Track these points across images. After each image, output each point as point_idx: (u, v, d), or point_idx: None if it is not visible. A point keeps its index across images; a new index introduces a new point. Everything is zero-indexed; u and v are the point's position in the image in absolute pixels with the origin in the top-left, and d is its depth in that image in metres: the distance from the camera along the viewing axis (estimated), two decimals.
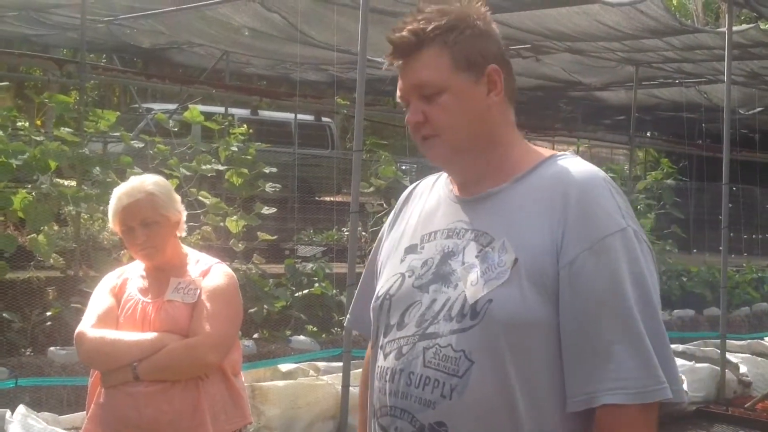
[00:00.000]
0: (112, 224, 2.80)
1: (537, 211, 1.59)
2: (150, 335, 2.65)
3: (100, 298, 2.79)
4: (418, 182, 1.89)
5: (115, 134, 7.58)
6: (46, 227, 6.52)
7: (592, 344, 1.51)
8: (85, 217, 7.33)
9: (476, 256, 1.60)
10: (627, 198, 1.65)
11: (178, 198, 2.85)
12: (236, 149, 8.17)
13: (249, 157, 8.27)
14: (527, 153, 1.71)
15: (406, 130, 1.79)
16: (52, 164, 6.64)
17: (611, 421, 1.51)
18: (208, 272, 2.77)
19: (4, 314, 6.04)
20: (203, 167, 7.76)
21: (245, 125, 9.20)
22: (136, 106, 13.18)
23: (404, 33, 1.67)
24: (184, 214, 2.85)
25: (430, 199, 1.79)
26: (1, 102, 10.58)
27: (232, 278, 2.79)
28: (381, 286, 1.75)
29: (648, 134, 19.59)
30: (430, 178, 1.85)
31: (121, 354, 2.63)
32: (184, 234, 2.88)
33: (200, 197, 7.17)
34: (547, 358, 1.55)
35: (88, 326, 2.70)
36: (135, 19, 10.78)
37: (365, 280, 1.91)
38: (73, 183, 7.31)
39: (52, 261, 6.54)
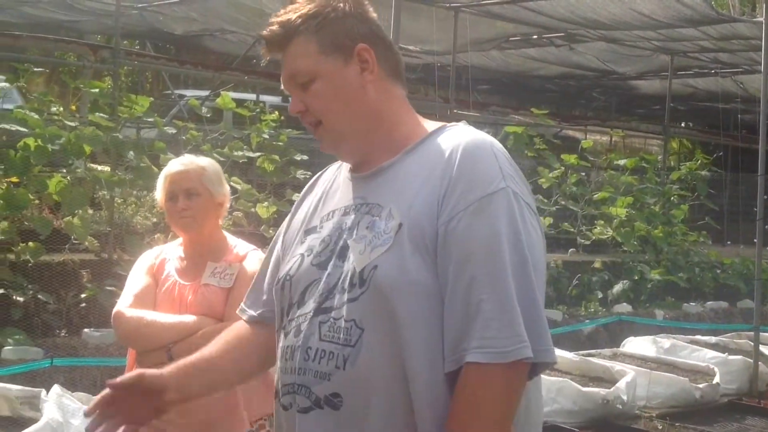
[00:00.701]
0: (159, 192, 2.83)
1: (423, 176, 1.60)
2: (186, 318, 2.67)
3: (137, 278, 2.81)
4: (324, 170, 1.87)
5: (148, 120, 7.63)
6: (80, 211, 6.60)
7: (464, 302, 1.50)
8: (119, 201, 7.41)
9: (366, 227, 1.61)
10: (518, 167, 1.64)
11: (226, 185, 2.88)
12: (268, 136, 8.21)
13: (280, 143, 8.30)
14: (417, 126, 1.71)
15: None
16: (87, 149, 6.72)
17: (471, 380, 1.48)
18: (245, 258, 2.79)
19: (39, 295, 6.13)
20: (235, 153, 7.81)
21: (276, 112, 9.24)
22: (169, 92, 13.24)
23: (274, 27, 1.69)
24: (229, 200, 2.88)
25: (331, 183, 1.80)
26: (36, 87, 10.69)
27: None
28: (281, 269, 1.76)
29: (683, 124, 19.36)
30: (335, 165, 1.84)
31: (157, 335, 2.65)
32: (223, 219, 2.90)
33: (232, 183, 7.21)
34: (436, 322, 1.53)
35: (125, 306, 2.72)
36: (168, 5, 10.84)
37: (261, 269, 1.91)
38: (107, 168, 7.39)
39: (87, 244, 6.61)
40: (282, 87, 1.73)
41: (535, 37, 11.37)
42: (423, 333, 1.53)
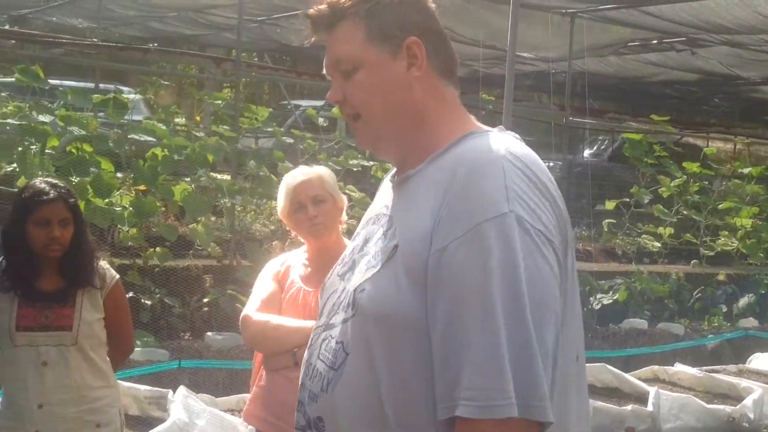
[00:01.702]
0: (282, 204, 2.88)
1: (431, 192, 1.41)
2: (311, 323, 2.72)
3: (264, 284, 2.88)
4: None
5: (267, 129, 7.84)
6: (203, 218, 6.84)
7: (454, 346, 1.30)
8: (239, 208, 7.64)
9: (375, 242, 1.49)
10: (547, 188, 1.40)
11: (340, 191, 2.93)
12: None
13: None
14: (455, 131, 1.50)
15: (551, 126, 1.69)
16: (210, 158, 6.96)
17: None
18: None
19: (166, 299, 6.37)
20: (350, 162, 7.93)
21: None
22: (285, 102, 13.57)
23: (322, 6, 1.55)
24: (346, 205, 2.93)
25: (385, 184, 1.65)
26: (162, 99, 11.15)
27: None
28: None
29: None
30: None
31: (283, 339, 2.70)
32: (344, 226, 2.94)
33: (347, 191, 7.31)
34: (421, 358, 1.35)
35: (252, 310, 2.80)
36: (286, 18, 11.12)
37: None
38: (227, 176, 7.64)
39: (209, 250, 6.84)
40: (324, 72, 1.59)
41: (654, 42, 11.08)
42: (409, 368, 1.37)
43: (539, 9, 9.50)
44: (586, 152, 14.43)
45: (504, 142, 1.44)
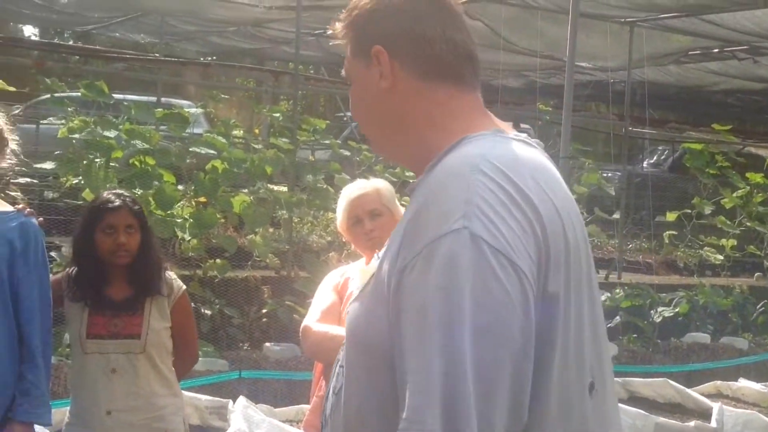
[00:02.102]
0: (340, 218, 2.91)
1: (410, 207, 1.31)
2: None
3: (324, 295, 2.91)
4: None
5: (324, 142, 7.91)
6: (262, 229, 6.92)
7: (402, 371, 1.20)
8: (296, 220, 7.72)
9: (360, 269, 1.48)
10: (530, 200, 1.24)
11: (398, 204, 2.94)
12: None
13: None
14: (453, 134, 1.37)
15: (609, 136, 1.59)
16: (269, 170, 7.05)
17: None
18: None
19: (225, 310, 6.46)
20: (406, 173, 7.94)
21: None
22: (341, 114, 13.67)
23: (336, 24, 1.50)
24: None
25: None
26: (221, 112, 11.33)
27: None
28: None
29: None
30: None
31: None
32: None
33: (404, 203, 7.32)
34: (386, 390, 1.25)
35: (313, 321, 2.82)
36: None
37: None
38: (283, 188, 7.72)
39: (267, 261, 6.92)
40: None
41: (716, 50, 10.88)
42: (374, 397, 1.30)
43: (598, 18, 9.41)
44: (646, 162, 14.22)
45: (486, 148, 1.30)
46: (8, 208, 2.91)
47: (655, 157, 14.45)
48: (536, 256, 1.22)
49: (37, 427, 2.92)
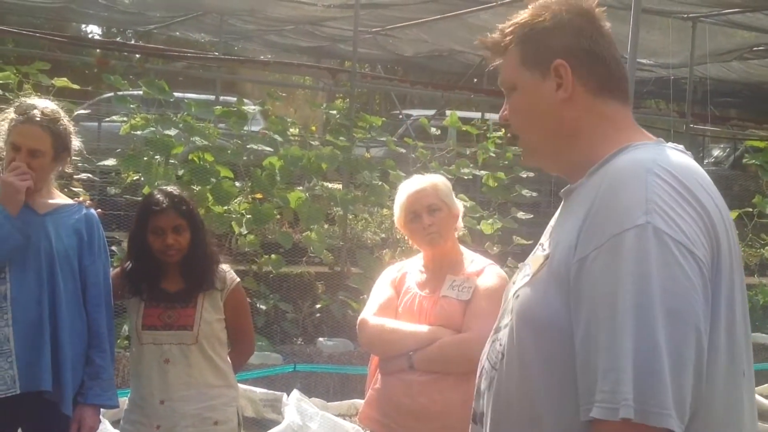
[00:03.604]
0: (398, 214, 2.95)
1: (582, 205, 1.48)
2: (426, 327, 2.76)
3: (381, 289, 2.94)
4: None
5: (380, 139, 7.94)
6: (317, 226, 6.98)
7: (591, 351, 1.37)
8: (351, 217, 7.76)
9: (535, 254, 1.60)
10: (698, 199, 1.41)
11: (455, 198, 2.96)
12: (493, 154, 8.26)
13: (504, 163, 8.32)
14: (614, 145, 1.54)
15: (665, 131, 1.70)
16: (324, 167, 7.10)
17: None
18: (482, 272, 2.84)
19: (279, 305, 6.54)
20: (462, 171, 7.93)
21: (502, 130, 9.26)
22: (396, 112, 13.70)
23: (495, 33, 1.66)
24: (462, 213, 2.95)
25: None
26: (278, 109, 11.46)
27: (504, 279, 2.83)
28: None
29: None
30: None
31: (399, 343, 2.75)
32: (460, 232, 2.97)
33: (459, 199, 7.30)
34: (564, 363, 1.42)
35: (370, 314, 2.86)
36: (401, 29, 11.23)
37: None
38: (337, 185, 7.77)
39: (322, 257, 6.98)
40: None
41: None
42: (549, 372, 1.46)
43: (660, 14, 9.26)
44: (707, 160, 13.94)
45: (655, 154, 1.47)
46: (70, 201, 3.03)
47: (716, 155, 14.15)
48: (708, 247, 1.40)
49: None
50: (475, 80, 13.76)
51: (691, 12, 9.23)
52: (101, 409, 3.08)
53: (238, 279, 3.25)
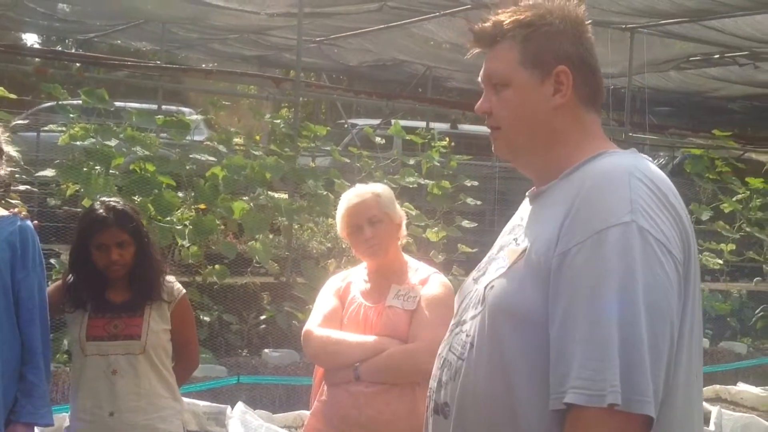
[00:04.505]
0: (340, 225, 2.94)
1: (559, 202, 1.55)
2: (372, 338, 2.76)
3: (325, 300, 2.93)
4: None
5: (325, 148, 7.94)
6: (261, 236, 6.94)
7: (568, 341, 1.43)
8: (296, 227, 7.73)
9: (506, 250, 1.64)
10: (672, 204, 1.50)
11: (399, 207, 2.96)
12: (438, 163, 8.32)
13: (448, 172, 8.39)
14: (588, 152, 1.62)
15: None
16: (267, 176, 7.06)
17: (571, 422, 1.42)
18: (427, 281, 2.84)
19: (224, 316, 6.47)
20: (406, 180, 7.96)
21: (446, 139, 9.34)
22: (342, 121, 13.71)
23: (486, 24, 1.68)
24: (404, 222, 2.95)
25: (525, 200, 1.81)
26: (222, 119, 11.36)
27: (449, 288, 2.85)
28: None
29: None
30: None
31: (345, 354, 2.74)
32: (404, 241, 2.97)
33: (404, 208, 7.33)
34: (541, 352, 1.48)
35: (315, 325, 2.84)
36: (345, 38, 11.25)
37: None
38: (283, 195, 7.73)
39: (267, 267, 6.93)
40: (479, 79, 1.74)
41: (716, 56, 10.89)
42: (526, 360, 1.50)
43: (599, 25, 9.43)
44: None
45: (633, 161, 1.56)
46: (4, 212, 2.94)
47: (654, 163, 14.42)
48: (682, 248, 1.49)
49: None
50: (420, 89, 13.85)
51: (629, 23, 9.43)
52: (35, 428, 2.99)
53: (184, 290, 3.21)
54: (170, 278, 3.16)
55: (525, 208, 1.73)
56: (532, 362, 1.49)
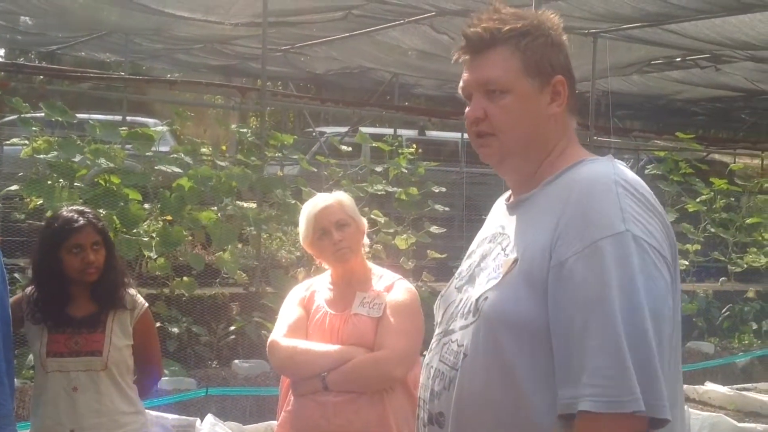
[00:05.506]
0: (305, 233, 2.92)
1: (548, 211, 1.58)
2: (338, 347, 2.75)
3: (290, 309, 2.91)
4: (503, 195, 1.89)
5: (293, 157, 7.92)
6: (230, 246, 6.90)
7: (575, 350, 1.47)
8: (265, 236, 7.70)
9: (494, 258, 1.66)
10: (655, 208, 1.56)
11: (360, 214, 2.97)
12: (405, 170, 8.34)
13: (416, 179, 8.41)
14: (569, 159, 1.69)
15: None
16: (234, 185, 7.02)
17: (584, 429, 1.45)
18: (392, 288, 2.85)
19: (192, 328, 6.42)
20: (374, 187, 7.97)
21: (414, 145, 9.37)
22: (310, 129, 13.69)
23: (479, 29, 1.69)
24: (367, 228, 2.96)
25: (497, 208, 1.84)
26: (188, 129, 11.30)
27: (414, 294, 2.85)
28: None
29: None
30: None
31: (312, 363, 2.73)
32: (366, 249, 2.98)
33: (372, 216, 7.34)
34: (541, 359, 1.52)
35: (280, 336, 2.83)
36: (310, 46, 11.24)
37: None
38: (252, 204, 7.70)
39: (236, 278, 6.89)
40: (460, 86, 1.74)
41: (678, 59, 11.04)
42: (528, 366, 1.53)
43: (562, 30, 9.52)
44: None
45: (613, 168, 1.60)
46: None
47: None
48: (670, 251, 1.55)
49: None
50: (388, 97, 13.88)
51: (591, 28, 9.52)
52: None
53: (147, 304, 3.19)
54: (132, 291, 3.14)
55: (502, 216, 1.75)
56: (534, 367, 1.53)
